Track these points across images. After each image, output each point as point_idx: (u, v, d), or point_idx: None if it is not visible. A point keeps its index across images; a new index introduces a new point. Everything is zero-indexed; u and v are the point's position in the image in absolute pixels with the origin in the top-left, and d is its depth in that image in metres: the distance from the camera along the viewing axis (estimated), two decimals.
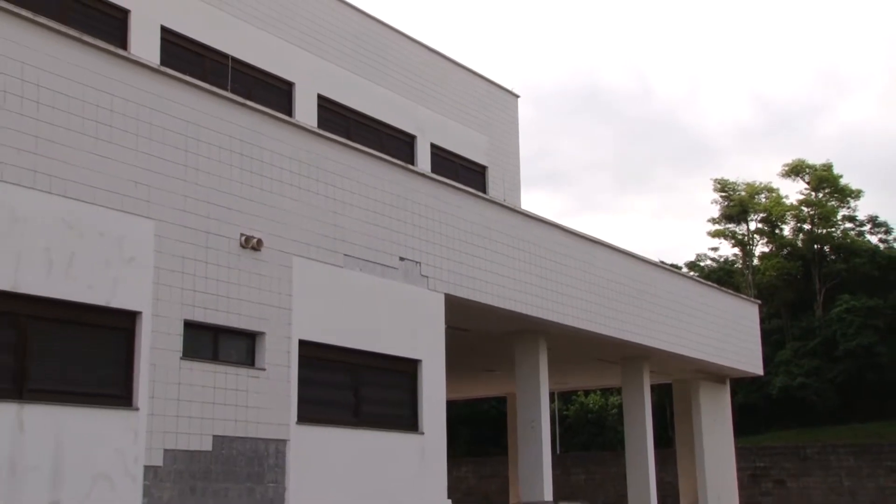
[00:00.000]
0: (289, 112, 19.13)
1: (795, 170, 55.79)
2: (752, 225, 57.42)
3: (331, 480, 13.97)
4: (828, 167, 55.00)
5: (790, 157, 59.21)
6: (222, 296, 12.82)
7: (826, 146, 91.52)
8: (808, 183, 55.49)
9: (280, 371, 13.47)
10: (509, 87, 26.38)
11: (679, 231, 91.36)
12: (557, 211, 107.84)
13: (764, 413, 47.68)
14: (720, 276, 52.23)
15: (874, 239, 54.89)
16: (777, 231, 56.75)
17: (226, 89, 14.52)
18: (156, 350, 11.97)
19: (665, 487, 29.86)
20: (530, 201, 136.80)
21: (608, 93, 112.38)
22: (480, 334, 20.08)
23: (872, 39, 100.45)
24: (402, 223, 15.90)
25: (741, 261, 57.77)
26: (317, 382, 14.20)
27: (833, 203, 54.98)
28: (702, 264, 57.87)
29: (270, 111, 14.15)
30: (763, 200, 56.54)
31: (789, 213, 55.59)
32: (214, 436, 12.44)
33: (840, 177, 54.94)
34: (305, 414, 13.79)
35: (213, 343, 12.88)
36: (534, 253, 18.85)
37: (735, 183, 57.17)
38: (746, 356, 26.72)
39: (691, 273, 46.90)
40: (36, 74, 11.16)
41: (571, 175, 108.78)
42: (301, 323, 13.87)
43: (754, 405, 47.23)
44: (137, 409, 11.67)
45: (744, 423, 42.01)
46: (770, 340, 45.91)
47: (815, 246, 53.78)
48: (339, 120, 20.65)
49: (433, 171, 19.71)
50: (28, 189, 10.89)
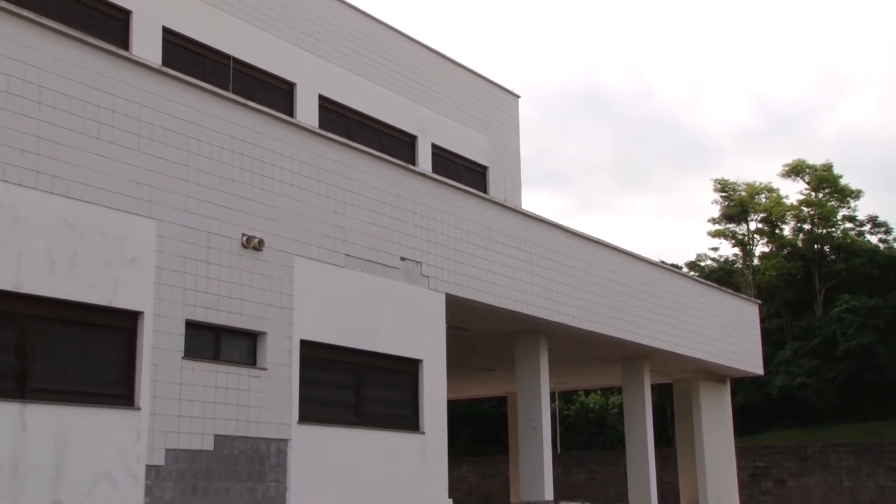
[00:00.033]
0: (290, 112, 19.15)
1: (795, 170, 55.77)
2: (753, 225, 57.43)
3: (332, 480, 14.00)
4: (828, 167, 54.98)
5: (790, 158, 59.13)
6: (224, 296, 12.85)
7: (826, 146, 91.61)
8: (809, 183, 55.47)
9: (281, 371, 13.50)
10: (510, 88, 26.42)
11: (679, 231, 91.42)
12: (558, 211, 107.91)
13: (764, 413, 47.67)
14: (720, 276, 52.23)
15: (874, 239, 54.89)
16: (777, 231, 56.74)
17: (227, 90, 14.53)
18: (157, 350, 12.00)
19: (665, 487, 29.86)
20: (531, 201, 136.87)
21: (608, 93, 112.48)
22: (481, 334, 20.11)
23: (872, 39, 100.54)
24: (403, 223, 15.93)
25: (741, 261, 57.76)
26: (318, 382, 14.22)
27: (833, 203, 54.95)
28: (702, 264, 57.86)
29: (272, 111, 14.18)
30: (763, 200, 56.51)
31: (789, 213, 55.56)
32: (216, 435, 12.48)
33: (840, 177, 54.91)
34: (307, 413, 13.82)
35: (215, 343, 12.91)
36: (534, 253, 18.88)
37: (735, 183, 57.17)
38: (747, 356, 26.75)
39: (692, 273, 46.88)
40: (38, 75, 11.19)
41: (572, 175, 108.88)
42: (302, 323, 13.90)
43: (754, 405, 47.23)
44: (139, 409, 11.70)
45: (744, 423, 41.99)
46: (770, 340, 45.91)
47: (816, 246, 53.77)
48: (341, 120, 20.67)
49: (434, 172, 19.71)
50: (30, 189, 10.92)
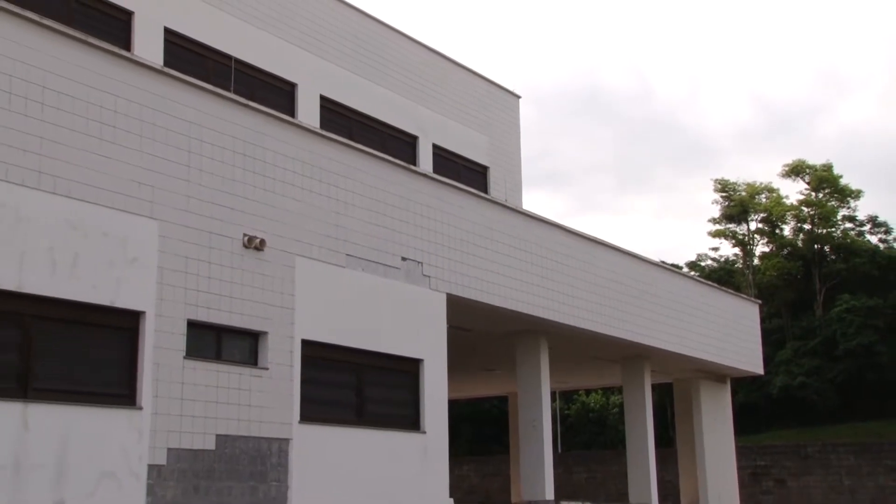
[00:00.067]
0: (291, 113, 19.18)
1: (795, 170, 55.80)
2: (753, 225, 57.47)
3: (333, 479, 14.03)
4: (828, 167, 55.01)
5: (790, 158, 59.29)
6: (225, 295, 12.89)
7: (826, 146, 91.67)
8: (809, 183, 55.50)
9: (283, 370, 13.53)
10: (510, 88, 26.45)
11: (679, 231, 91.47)
12: (558, 211, 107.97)
13: (764, 412, 47.72)
14: (721, 276, 52.26)
15: (874, 239, 54.94)
16: (777, 231, 56.77)
17: (229, 90, 14.56)
18: (159, 349, 12.03)
19: (666, 486, 29.89)
20: (531, 202, 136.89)
21: (609, 94, 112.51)
22: (482, 334, 20.13)
23: (872, 40, 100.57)
24: (404, 223, 15.95)
25: (742, 261, 57.79)
26: (319, 382, 14.25)
27: (833, 203, 54.99)
28: (702, 264, 57.89)
29: (273, 112, 14.20)
30: (763, 200, 56.54)
31: (789, 214, 55.60)
32: (218, 435, 12.51)
33: (840, 177, 54.95)
34: (308, 413, 13.85)
35: (217, 342, 12.94)
36: (535, 253, 18.90)
37: (735, 183, 57.21)
38: (747, 356, 26.77)
39: (692, 273, 46.91)
40: (40, 76, 11.22)
41: (572, 175, 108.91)
42: (304, 322, 13.93)
43: (755, 404, 47.27)
44: (141, 409, 11.73)
45: (744, 423, 42.03)
46: (770, 340, 45.94)
47: (816, 246, 53.81)
48: (342, 121, 20.70)
49: (435, 172, 19.74)
50: (32, 189, 10.96)
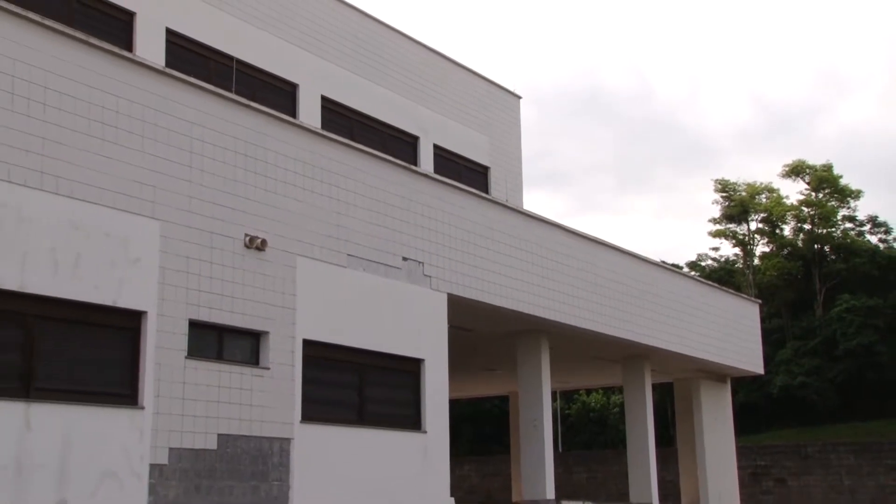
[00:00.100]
0: (293, 113, 19.22)
1: (796, 170, 55.80)
2: (753, 225, 57.46)
3: (334, 479, 14.06)
4: (828, 167, 55.01)
5: (790, 158, 59.39)
6: (227, 295, 12.92)
7: (826, 147, 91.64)
8: (809, 183, 55.50)
9: (284, 370, 13.57)
10: (511, 88, 26.47)
11: (680, 231, 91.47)
12: (559, 211, 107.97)
13: (764, 412, 47.73)
14: (721, 276, 52.27)
15: (874, 239, 54.92)
16: (777, 231, 56.77)
17: (230, 91, 14.59)
18: (161, 349, 12.06)
19: (666, 486, 29.92)
20: (532, 202, 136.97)
21: (609, 94, 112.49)
22: (483, 334, 20.16)
23: (872, 40, 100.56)
24: (405, 223, 15.99)
25: (742, 261, 57.79)
26: (321, 381, 14.28)
27: (833, 203, 54.98)
28: (703, 264, 57.89)
29: (274, 112, 14.24)
30: (763, 201, 56.54)
31: (790, 214, 55.59)
32: (219, 434, 12.54)
33: (840, 177, 54.94)
34: (309, 413, 13.88)
35: (218, 342, 12.98)
36: (536, 253, 18.94)
37: (736, 183, 57.21)
38: (747, 355, 26.80)
39: (692, 273, 46.92)
40: (43, 76, 11.25)
41: (572, 175, 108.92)
42: (305, 322, 13.96)
43: (755, 404, 47.28)
44: (143, 408, 11.77)
45: (744, 422, 42.06)
46: (770, 340, 45.96)
47: (816, 246, 53.81)
48: (343, 121, 20.74)
49: (436, 172, 19.77)
50: (34, 190, 10.99)
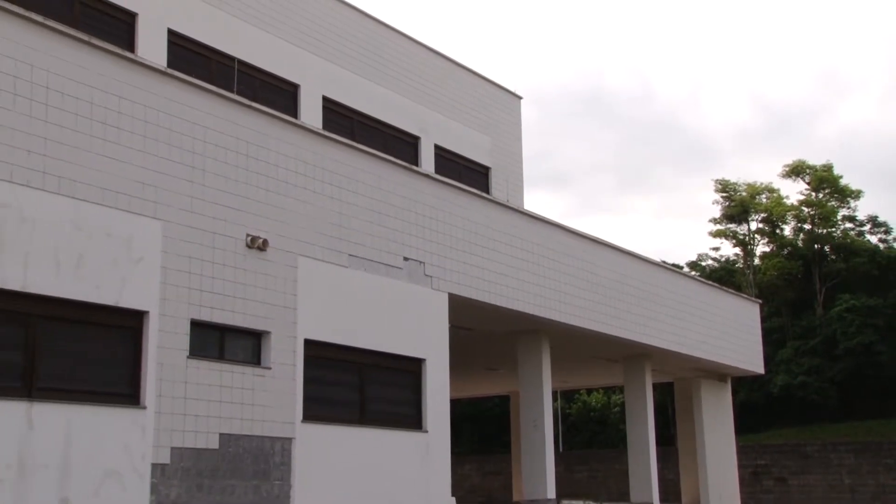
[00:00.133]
0: (294, 114, 19.26)
1: (796, 170, 55.79)
2: (753, 225, 57.44)
3: (336, 478, 14.10)
4: (828, 168, 55.00)
5: (790, 158, 59.36)
6: (228, 295, 12.96)
7: (826, 147, 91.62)
8: (809, 183, 55.49)
9: (286, 370, 13.60)
10: (512, 89, 26.50)
11: (680, 231, 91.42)
12: (559, 211, 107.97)
13: (765, 411, 47.74)
14: (721, 276, 52.26)
15: (874, 239, 54.90)
16: (778, 231, 56.77)
17: (232, 91, 14.63)
18: (163, 349, 12.10)
19: (667, 485, 29.95)
20: (532, 202, 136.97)
21: (610, 95, 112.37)
22: (484, 333, 20.19)
23: (872, 41, 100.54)
24: (407, 223, 16.02)
25: (742, 260, 57.78)
26: (322, 381, 14.32)
27: (833, 203, 54.97)
28: (703, 264, 57.87)
29: (276, 113, 14.28)
30: (764, 201, 56.54)
31: (790, 214, 55.58)
32: (221, 434, 12.58)
33: (840, 177, 54.91)
34: (311, 412, 13.92)
35: (220, 342, 13.02)
36: (536, 253, 18.97)
37: (736, 183, 57.21)
38: (747, 355, 26.83)
39: (693, 273, 46.96)
40: (45, 77, 11.29)
41: (573, 176, 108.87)
42: (306, 322, 14.00)
43: (755, 403, 47.31)
44: (145, 408, 11.80)
45: (745, 421, 42.12)
46: (771, 339, 45.98)
47: (816, 246, 53.81)
48: (344, 121, 20.78)
49: (437, 172, 19.81)
50: (37, 190, 11.02)
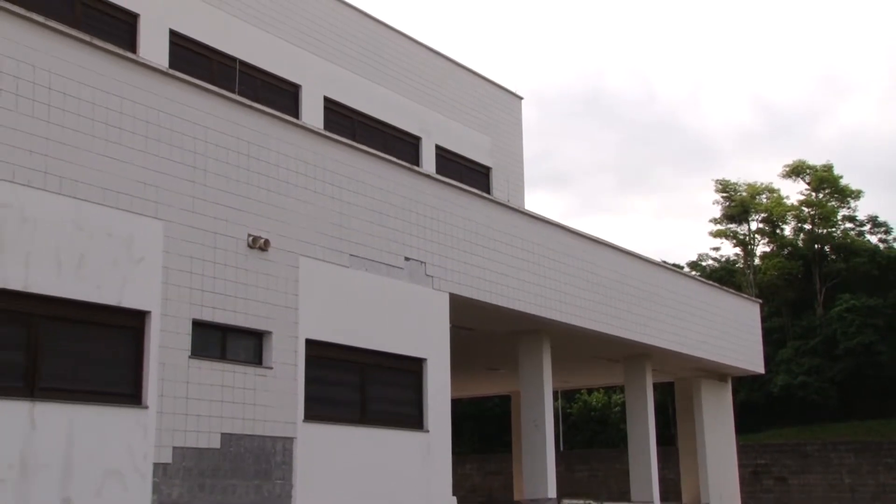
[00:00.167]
0: (295, 114, 19.27)
1: (796, 171, 55.82)
2: (754, 225, 57.47)
3: (337, 477, 14.12)
4: (828, 168, 55.02)
5: (791, 159, 59.28)
6: (230, 295, 12.97)
7: (826, 148, 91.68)
8: (809, 183, 55.52)
9: (287, 370, 13.62)
10: (513, 90, 26.52)
11: (681, 231, 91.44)
12: (560, 212, 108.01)
13: (765, 411, 47.77)
14: (722, 276, 52.28)
15: (874, 239, 54.93)
16: (778, 231, 56.79)
17: (233, 92, 14.65)
18: (165, 349, 12.12)
19: (667, 484, 29.96)
20: (533, 202, 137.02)
21: (611, 95, 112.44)
22: (485, 333, 20.21)
23: (872, 43, 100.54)
24: (408, 224, 16.03)
25: (742, 260, 57.79)
26: (323, 381, 14.34)
27: (833, 203, 54.99)
28: (703, 264, 57.88)
29: (277, 113, 14.29)
30: (764, 201, 56.56)
31: (790, 214, 55.61)
32: (223, 433, 12.59)
33: (840, 177, 54.94)
34: (312, 412, 13.93)
35: (221, 342, 13.03)
36: (537, 253, 18.99)
37: (736, 184, 57.23)
38: (748, 355, 26.85)
39: (693, 273, 46.98)
40: (47, 77, 11.30)
41: (574, 176, 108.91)
42: (308, 322, 14.02)
43: (756, 403, 47.34)
44: (147, 408, 11.82)
45: (745, 421, 42.14)
46: (771, 339, 46.01)
47: (816, 246, 53.83)
48: (345, 122, 20.80)
49: (438, 173, 19.84)
50: (38, 190, 11.04)
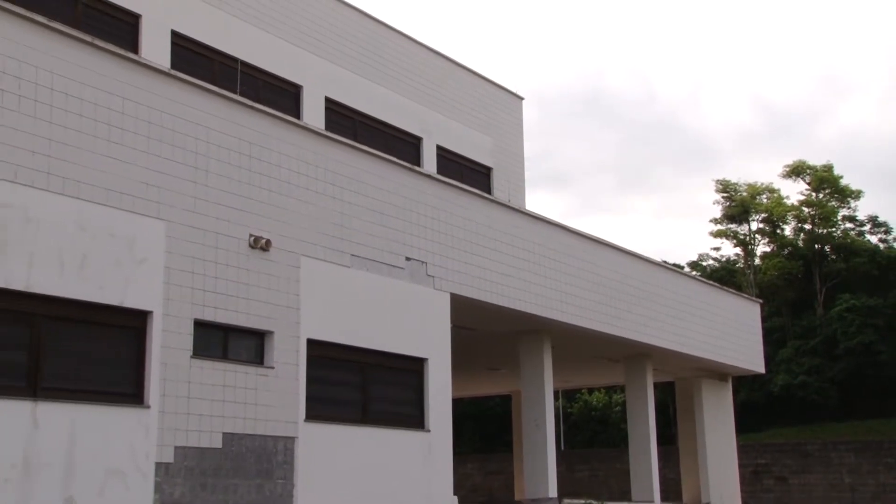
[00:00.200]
0: (297, 115, 19.30)
1: (796, 171, 55.84)
2: (754, 225, 57.49)
3: (338, 477, 14.14)
4: (828, 168, 55.04)
5: (791, 159, 59.31)
6: (232, 295, 13.00)
7: (826, 148, 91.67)
8: (809, 184, 55.54)
9: (289, 369, 13.64)
10: (514, 90, 26.54)
11: (681, 231, 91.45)
12: (560, 212, 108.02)
13: (765, 410, 47.79)
14: (722, 276, 52.31)
15: (874, 239, 54.95)
16: (778, 231, 56.81)
17: (235, 93, 14.68)
18: (167, 349, 12.15)
19: (668, 484, 29.96)
20: (534, 202, 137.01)
21: (611, 95, 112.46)
22: (486, 333, 20.23)
23: (872, 43, 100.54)
24: (409, 224, 16.06)
25: (743, 260, 57.81)
26: (325, 381, 14.36)
27: (833, 203, 55.02)
28: (704, 264, 57.91)
29: (278, 114, 14.31)
30: (764, 201, 56.59)
31: (790, 214, 55.62)
32: (224, 433, 12.62)
33: (840, 177, 54.96)
34: (313, 412, 13.96)
35: (223, 342, 13.05)
36: (538, 253, 19.01)
37: (736, 184, 57.26)
38: (748, 354, 26.87)
39: (694, 273, 47.00)
40: (49, 78, 11.33)
41: (574, 176, 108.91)
42: (309, 322, 14.04)
43: (756, 403, 47.37)
44: (149, 407, 11.84)
45: (746, 421, 42.15)
46: (771, 339, 46.04)
47: (816, 246, 53.85)
48: (347, 122, 20.82)
49: (439, 173, 19.88)
50: (41, 190, 11.06)
